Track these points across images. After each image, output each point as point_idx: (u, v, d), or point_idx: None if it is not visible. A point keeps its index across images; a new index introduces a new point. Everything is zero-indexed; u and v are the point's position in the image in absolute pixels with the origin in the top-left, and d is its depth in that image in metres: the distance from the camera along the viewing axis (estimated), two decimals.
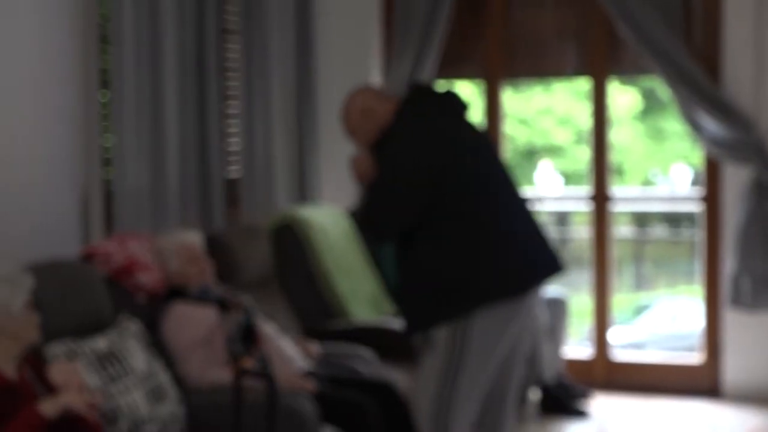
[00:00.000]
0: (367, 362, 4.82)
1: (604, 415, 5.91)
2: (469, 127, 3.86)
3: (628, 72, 6.57)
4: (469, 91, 8.58)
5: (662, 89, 8.27)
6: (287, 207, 5.98)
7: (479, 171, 3.73)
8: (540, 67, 6.61)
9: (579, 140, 10.10)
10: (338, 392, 4.32)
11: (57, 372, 3.43)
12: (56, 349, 3.75)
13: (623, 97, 9.81)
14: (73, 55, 5.06)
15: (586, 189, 6.57)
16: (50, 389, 3.35)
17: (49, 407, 3.18)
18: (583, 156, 9.65)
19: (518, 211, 3.80)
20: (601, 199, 6.45)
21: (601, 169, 6.44)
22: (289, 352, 4.50)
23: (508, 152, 6.75)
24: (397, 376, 4.68)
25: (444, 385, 3.73)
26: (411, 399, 3.90)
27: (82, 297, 4.01)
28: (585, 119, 6.64)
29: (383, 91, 4.01)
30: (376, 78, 6.42)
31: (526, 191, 5.28)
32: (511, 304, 3.69)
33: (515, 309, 3.70)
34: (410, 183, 3.67)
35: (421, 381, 3.80)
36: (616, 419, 5.84)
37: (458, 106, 3.88)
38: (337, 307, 5.49)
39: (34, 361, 3.43)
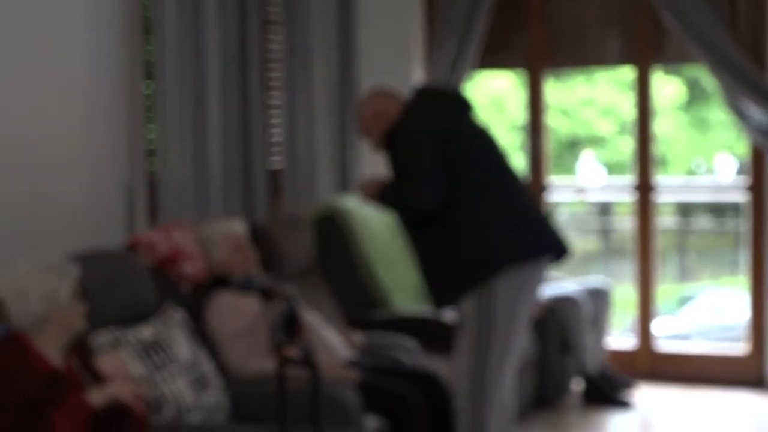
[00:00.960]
0: (409, 352, 4.82)
1: (648, 406, 5.88)
2: (473, 124, 4.07)
3: (673, 61, 6.51)
4: (510, 82, 8.54)
5: (707, 78, 8.20)
6: (329, 197, 5.98)
7: (484, 160, 3.98)
8: (583, 56, 6.57)
9: (622, 131, 10.03)
10: (381, 382, 4.32)
11: (105, 362, 3.46)
12: (102, 338, 3.78)
13: (667, 87, 9.73)
14: (116, 47, 5.10)
15: (629, 179, 6.53)
16: (97, 378, 3.38)
17: (96, 396, 3.20)
18: (625, 147, 9.59)
19: (525, 199, 4.02)
20: (645, 189, 6.41)
21: (644, 160, 6.39)
22: (332, 342, 4.51)
23: (549, 143, 6.72)
24: (439, 366, 4.68)
25: (477, 361, 3.92)
26: (450, 382, 4.01)
27: (127, 286, 4.04)
28: (628, 109, 6.59)
29: (394, 92, 4.19)
30: (417, 68, 6.40)
31: (568, 181, 5.25)
32: (526, 270, 3.91)
33: (531, 274, 3.94)
34: (428, 157, 3.88)
35: (456, 361, 4.01)
36: (660, 410, 5.80)
37: (463, 105, 4.11)
38: (379, 296, 5.49)
39: (80, 350, 3.46)
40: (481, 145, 4.02)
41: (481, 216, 3.91)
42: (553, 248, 4.02)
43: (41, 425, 3.10)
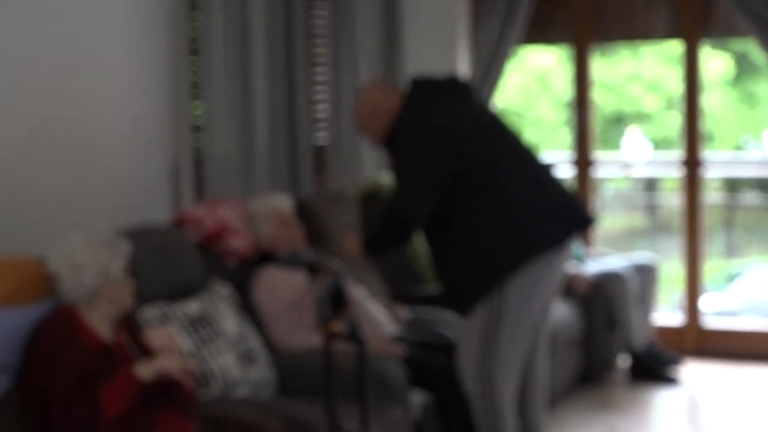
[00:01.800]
0: (454, 327, 4.81)
1: (695, 382, 5.84)
2: (476, 106, 3.94)
3: (721, 35, 6.43)
4: (556, 57, 8.48)
5: (755, 52, 8.09)
6: (373, 173, 5.97)
7: (491, 145, 3.83)
8: (629, 30, 6.50)
9: (669, 106, 9.94)
10: (426, 357, 4.32)
11: (154, 336, 3.48)
12: (149, 313, 3.80)
13: (715, 62, 9.62)
14: (162, 24, 5.10)
15: (676, 155, 6.47)
16: (145, 352, 3.40)
17: (145, 370, 3.23)
18: (672, 122, 9.50)
19: (539, 176, 3.86)
20: (692, 164, 6.34)
21: (692, 135, 6.33)
22: (378, 317, 4.51)
23: (595, 119, 6.66)
24: None
25: (485, 348, 3.84)
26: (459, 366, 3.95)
27: (174, 262, 4.06)
28: (675, 84, 6.53)
29: (390, 84, 4.05)
30: (462, 43, 6.37)
31: (614, 157, 5.21)
32: (542, 262, 3.79)
33: (548, 265, 3.81)
34: (428, 163, 3.77)
35: (463, 343, 3.92)
36: (707, 387, 5.76)
37: (461, 90, 3.96)
38: (424, 272, 5.48)
39: (129, 324, 3.48)
40: (485, 132, 3.85)
41: (492, 211, 3.78)
42: (575, 224, 3.85)
43: (90, 398, 3.12)
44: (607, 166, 6.93)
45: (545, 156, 3.95)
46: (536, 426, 4.10)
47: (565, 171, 6.64)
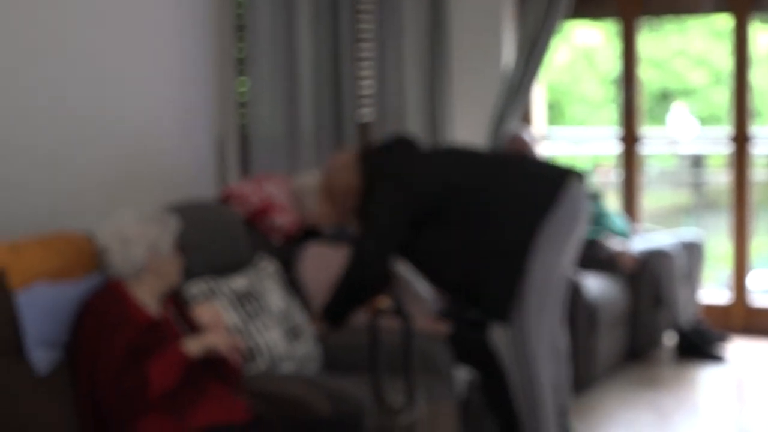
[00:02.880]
0: None
1: (741, 360, 5.79)
2: (430, 152, 4.11)
3: None
4: (603, 33, 8.41)
5: None
6: None
7: (454, 183, 3.99)
8: (677, 4, 6.42)
9: (716, 81, 9.82)
10: (472, 334, 4.30)
11: (202, 312, 3.49)
12: (196, 288, 3.81)
13: (764, 37, 9.49)
14: (208, 2, 5.10)
15: (723, 131, 6.39)
16: (192, 328, 3.41)
17: (193, 346, 3.23)
18: (718, 98, 9.40)
19: (510, 168, 4.03)
20: (741, 140, 6.27)
21: (741, 111, 6.24)
22: (424, 293, 4.49)
23: (642, 95, 6.59)
24: None
25: (515, 318, 3.92)
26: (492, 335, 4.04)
27: (220, 238, 4.06)
28: (722, 59, 6.45)
29: (343, 163, 4.18)
30: (507, 18, 6.31)
31: (660, 134, 5.17)
32: (551, 227, 3.89)
33: (555, 228, 3.90)
34: (389, 218, 3.97)
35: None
36: (754, 365, 5.70)
37: (406, 144, 4.12)
38: None
39: (176, 300, 3.49)
40: (447, 163, 4.04)
41: (488, 216, 3.93)
42: (561, 181, 3.97)
43: (138, 373, 3.13)
44: (654, 142, 6.86)
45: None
46: (565, 401, 4.20)
47: (611, 147, 6.59)
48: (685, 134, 8.90)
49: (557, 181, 3.98)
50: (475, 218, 3.95)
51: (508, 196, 3.96)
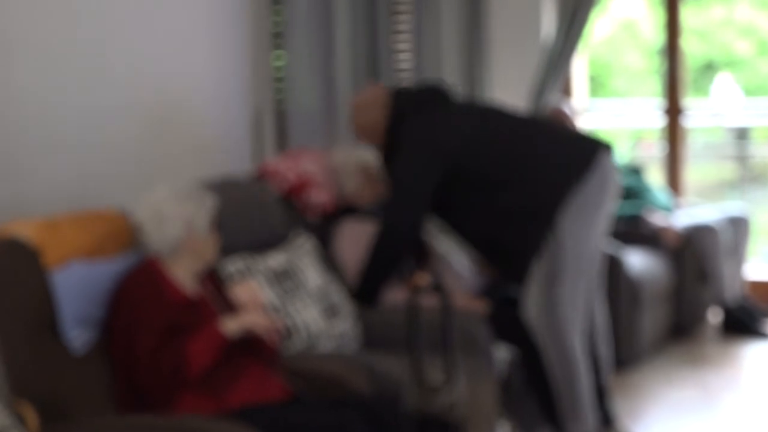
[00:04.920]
0: None
1: None
2: (461, 107, 4.16)
3: None
4: (644, 3, 8.31)
5: None
6: None
7: (490, 135, 4.01)
8: None
9: (762, 51, 9.71)
10: (512, 312, 4.28)
11: (239, 291, 3.48)
12: (233, 266, 3.81)
13: None
14: None
15: None
16: (229, 307, 3.41)
17: (231, 325, 3.23)
18: (765, 69, 9.28)
19: (542, 132, 4.07)
20: None
21: None
22: (463, 270, 4.47)
23: (685, 67, 6.52)
24: None
25: (548, 294, 3.93)
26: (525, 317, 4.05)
27: (256, 215, 4.06)
28: None
29: (374, 94, 4.22)
30: None
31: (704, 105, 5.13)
32: (582, 195, 3.89)
33: (586, 196, 3.90)
34: (417, 176, 3.99)
35: (525, 295, 4.01)
36: None
37: (443, 97, 4.15)
38: None
39: (213, 278, 3.49)
40: (478, 126, 4.04)
41: (511, 182, 3.95)
42: (590, 153, 3.97)
43: (175, 352, 3.14)
44: (698, 115, 6.79)
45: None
46: (603, 379, 4.20)
47: (655, 119, 6.53)
48: (730, 106, 8.80)
49: (588, 150, 3.98)
50: (503, 178, 3.96)
51: (538, 160, 3.98)
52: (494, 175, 3.98)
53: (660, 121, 6.49)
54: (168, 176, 4.50)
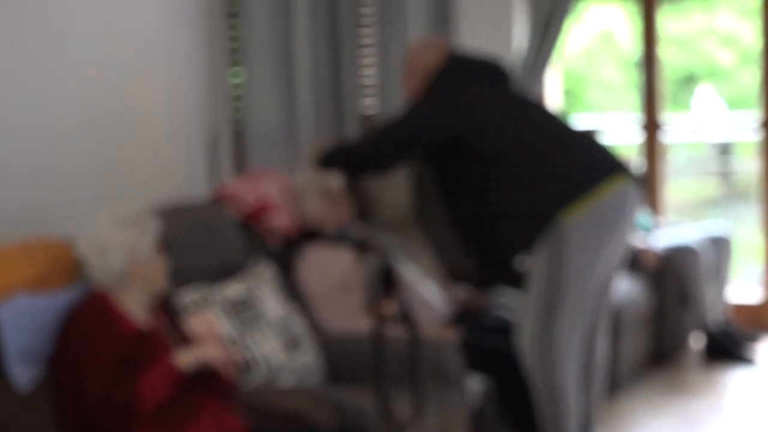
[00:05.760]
0: (510, 306, 4.79)
1: None
2: (506, 93, 4.22)
3: None
4: (622, 12, 8.37)
5: None
6: None
7: (513, 124, 4.08)
8: None
9: (744, 62, 9.80)
10: (484, 340, 4.30)
11: (195, 323, 3.49)
12: (188, 297, 3.81)
13: None
14: None
15: (753, 115, 6.38)
16: (184, 339, 3.41)
17: (186, 358, 3.23)
18: (748, 80, 9.37)
19: (571, 142, 4.08)
20: None
21: None
22: (432, 298, 4.49)
23: (664, 78, 6.58)
24: None
25: (544, 318, 3.94)
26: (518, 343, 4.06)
27: (213, 241, 4.06)
28: (751, 38, 6.44)
29: (439, 43, 4.38)
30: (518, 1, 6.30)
31: (684, 119, 5.19)
32: (594, 213, 3.90)
33: (600, 216, 3.92)
34: (415, 127, 4.13)
35: (522, 319, 4.02)
36: None
37: (496, 75, 4.24)
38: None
39: (167, 309, 3.49)
40: (511, 118, 4.10)
41: (520, 168, 4.00)
42: (610, 168, 4.01)
43: (127, 387, 3.14)
44: (678, 129, 6.85)
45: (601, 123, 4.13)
46: (592, 411, 4.19)
47: (632, 135, 6.58)
48: (712, 119, 8.89)
49: (604, 171, 4.01)
50: (508, 169, 4.01)
51: (548, 163, 4.01)
52: (496, 163, 4.02)
53: (638, 136, 6.54)
54: (120, 201, 4.50)
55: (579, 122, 4.27)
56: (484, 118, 4.08)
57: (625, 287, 5.49)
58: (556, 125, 4.15)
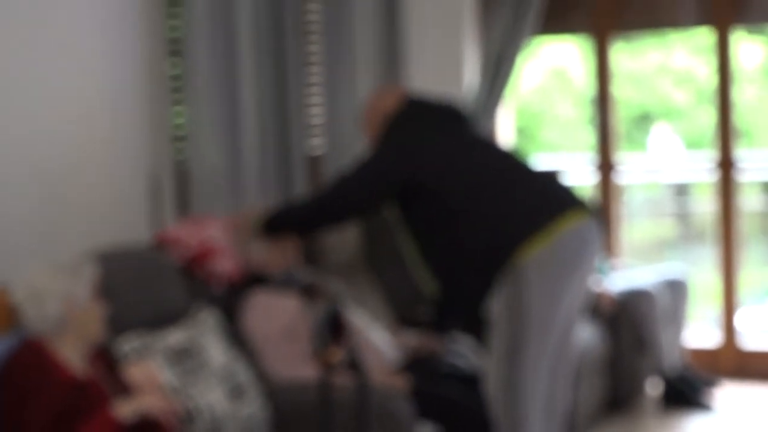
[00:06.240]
0: (465, 353, 4.81)
1: (733, 408, 5.83)
2: (462, 134, 4.28)
3: (757, 20, 6.42)
4: (575, 49, 8.47)
5: None
6: None
7: (469, 168, 4.13)
8: (655, 17, 6.51)
9: (700, 100, 9.93)
10: (436, 388, 4.31)
11: (134, 372, 3.48)
12: (128, 345, 3.80)
13: (751, 50, 9.61)
14: (137, 21, 5.11)
15: (709, 155, 6.46)
16: (123, 389, 3.40)
17: (124, 409, 3.23)
18: (705, 119, 9.49)
19: (527, 180, 4.15)
20: (726, 165, 6.34)
21: (726, 133, 6.32)
22: (381, 344, 4.50)
23: (619, 117, 6.66)
24: None
25: (509, 364, 3.95)
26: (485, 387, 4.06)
27: (154, 287, 4.06)
28: (707, 76, 6.53)
29: (396, 88, 4.50)
30: (469, 35, 6.37)
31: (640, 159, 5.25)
32: (556, 247, 3.94)
33: (559, 257, 3.95)
34: (379, 175, 4.18)
35: (487, 365, 4.05)
36: (746, 413, 5.75)
37: (452, 116, 4.31)
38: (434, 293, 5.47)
39: (105, 357, 3.48)
40: (469, 155, 4.17)
41: (479, 209, 4.04)
42: (566, 203, 4.06)
43: None
44: (633, 169, 6.93)
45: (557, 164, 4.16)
46: None
47: (587, 176, 6.64)
48: (669, 159, 8.98)
49: (560, 207, 4.05)
50: (464, 208, 4.05)
51: (506, 202, 4.05)
52: (455, 204, 4.06)
53: (593, 177, 6.60)
54: (57, 247, 4.49)
55: (534, 162, 4.30)
56: (439, 162, 4.13)
57: (580, 332, 5.52)
58: (512, 164, 4.20)
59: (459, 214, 4.05)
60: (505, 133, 6.61)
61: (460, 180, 4.10)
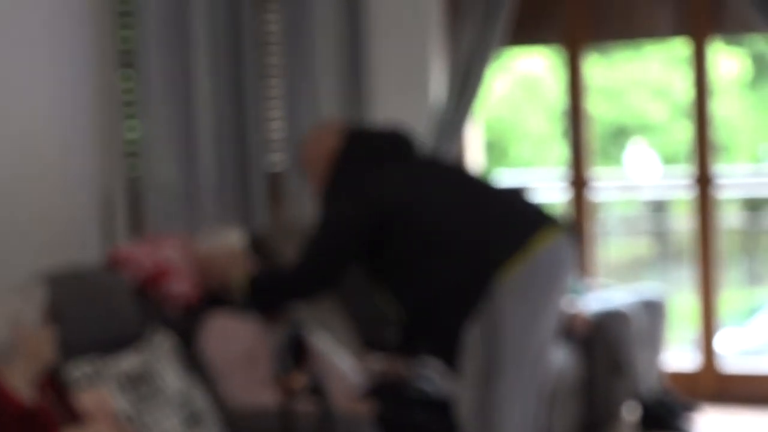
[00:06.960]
0: (432, 378, 4.82)
1: None
2: (415, 162, 4.28)
3: (735, 31, 6.49)
4: (547, 61, 8.52)
5: None
6: None
7: (432, 194, 4.13)
8: (630, 28, 6.55)
9: (677, 114, 10.01)
10: (402, 413, 4.33)
11: (86, 399, 3.48)
12: (78, 371, 3.80)
13: (729, 62, 9.70)
14: (87, 33, 5.12)
15: (686, 171, 6.52)
16: (74, 417, 3.40)
17: None
18: (682, 133, 9.57)
19: (493, 202, 4.16)
20: (704, 182, 6.39)
21: (703, 148, 6.37)
22: (345, 369, 4.52)
23: (593, 131, 6.71)
24: None
25: (483, 391, 3.96)
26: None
27: (106, 309, 4.06)
28: (684, 89, 6.59)
29: (333, 128, 4.37)
30: (436, 46, 6.40)
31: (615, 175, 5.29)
32: (528, 271, 3.95)
33: (538, 272, 3.98)
34: (343, 232, 4.14)
35: (459, 392, 4.04)
36: None
37: (401, 146, 4.28)
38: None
39: (55, 383, 3.48)
40: (423, 186, 4.15)
41: (452, 240, 4.04)
42: (538, 223, 4.08)
43: None
44: (608, 186, 6.97)
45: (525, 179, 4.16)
46: None
47: (558, 193, 6.68)
48: (645, 176, 9.03)
49: (531, 226, 4.07)
50: (436, 241, 4.05)
51: (473, 227, 4.06)
52: (426, 235, 4.06)
53: (566, 193, 6.64)
54: (5, 269, 4.48)
55: (504, 179, 4.32)
56: (400, 193, 4.12)
57: (554, 354, 5.55)
58: (476, 185, 4.21)
59: (432, 246, 4.04)
60: (474, 149, 6.64)
61: (428, 209, 4.09)
